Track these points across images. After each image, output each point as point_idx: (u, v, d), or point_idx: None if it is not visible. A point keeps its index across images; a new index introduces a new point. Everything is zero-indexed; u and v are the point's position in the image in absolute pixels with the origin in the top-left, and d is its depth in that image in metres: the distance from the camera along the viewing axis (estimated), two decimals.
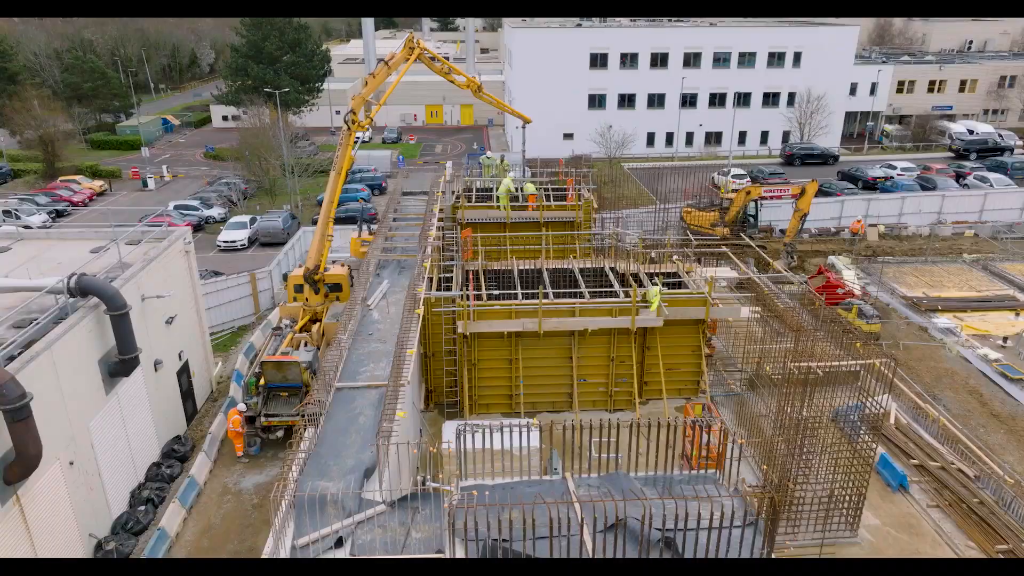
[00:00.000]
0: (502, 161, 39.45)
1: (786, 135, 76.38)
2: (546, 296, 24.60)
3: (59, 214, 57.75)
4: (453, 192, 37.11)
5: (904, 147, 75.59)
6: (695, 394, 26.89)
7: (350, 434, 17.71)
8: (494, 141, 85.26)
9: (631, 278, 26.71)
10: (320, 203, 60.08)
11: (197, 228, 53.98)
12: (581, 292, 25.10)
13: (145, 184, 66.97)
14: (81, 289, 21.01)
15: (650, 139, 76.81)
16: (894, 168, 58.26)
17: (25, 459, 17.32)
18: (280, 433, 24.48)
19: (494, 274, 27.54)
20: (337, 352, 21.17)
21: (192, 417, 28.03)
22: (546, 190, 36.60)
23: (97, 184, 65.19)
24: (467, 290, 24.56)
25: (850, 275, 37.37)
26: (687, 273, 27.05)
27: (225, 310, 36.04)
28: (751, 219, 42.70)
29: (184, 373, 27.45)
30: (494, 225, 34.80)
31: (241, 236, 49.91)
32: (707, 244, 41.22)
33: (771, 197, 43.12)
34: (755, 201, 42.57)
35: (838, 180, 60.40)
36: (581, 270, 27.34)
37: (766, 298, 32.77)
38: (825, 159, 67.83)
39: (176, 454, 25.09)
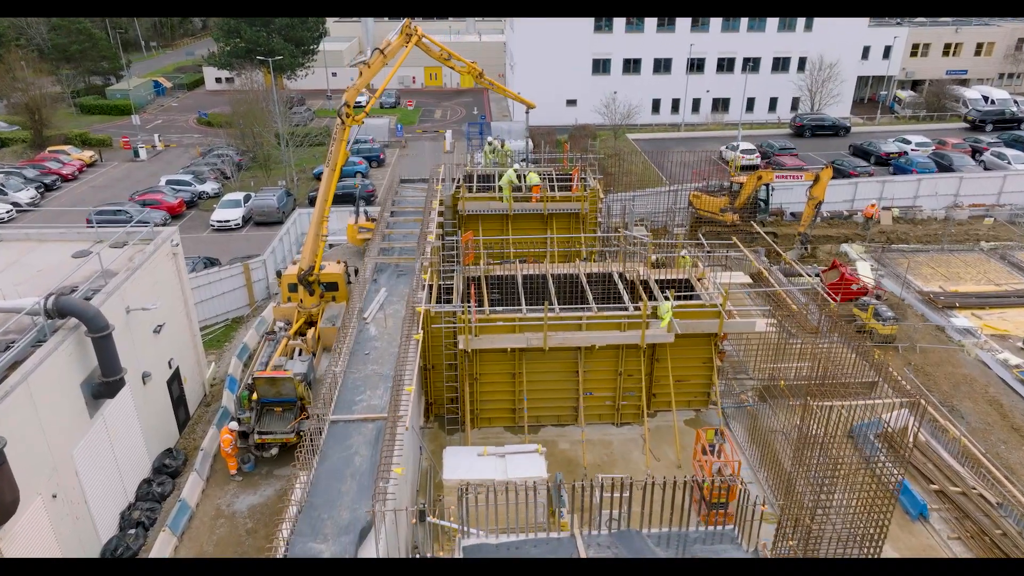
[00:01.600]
0: (503, 146, 37.72)
1: (795, 102, 74.19)
2: (551, 310, 23.39)
3: (48, 188, 56.19)
4: (453, 180, 35.59)
5: (918, 116, 73.40)
6: (705, 405, 25.92)
7: (345, 479, 16.73)
8: (494, 105, 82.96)
9: (640, 285, 25.46)
10: (318, 176, 58.79)
11: (190, 204, 52.57)
12: (588, 305, 23.84)
13: (136, 154, 65.15)
14: (59, 311, 19.82)
15: (655, 106, 74.62)
16: (908, 143, 56.40)
17: (1, 507, 16.38)
18: (275, 451, 23.55)
19: (497, 280, 26.28)
20: (331, 379, 20.06)
21: (185, 424, 27.13)
22: (549, 178, 35.10)
23: (87, 155, 63.39)
24: (468, 302, 23.32)
25: (864, 267, 36.10)
26: (699, 280, 25.79)
27: (218, 302, 34.91)
28: (762, 204, 41.20)
29: (175, 381, 26.43)
30: (496, 217, 33.39)
31: (235, 215, 48.44)
32: (716, 231, 39.89)
33: (784, 179, 41.35)
34: (766, 185, 41.02)
35: (850, 155, 58.64)
36: (588, 276, 26.07)
37: (779, 296, 31.59)
38: (836, 131, 65.80)
39: (167, 469, 24.23)
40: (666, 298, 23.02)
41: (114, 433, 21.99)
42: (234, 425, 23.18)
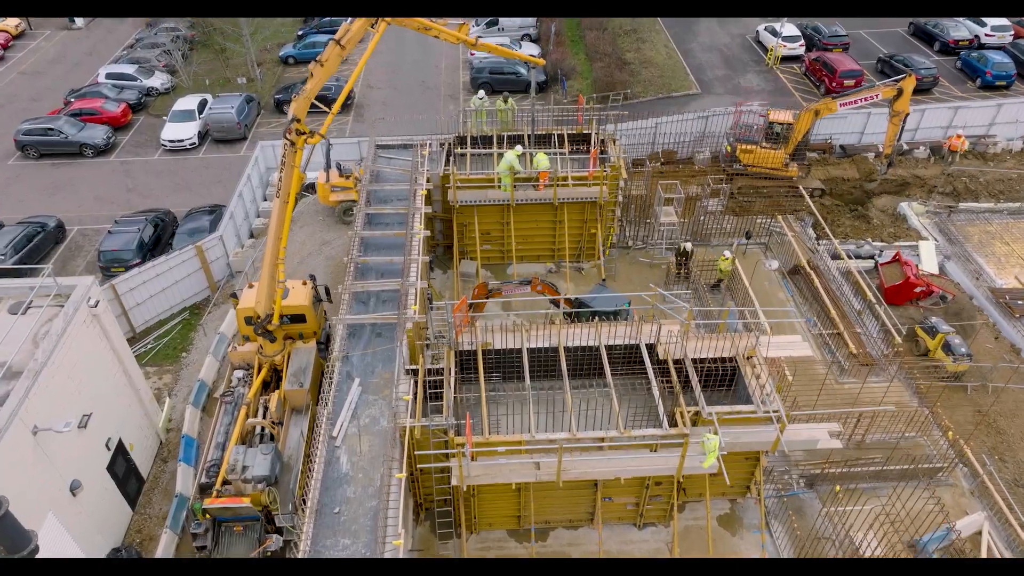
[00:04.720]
0: (506, 102, 30.21)
1: None
2: (567, 420, 18.76)
3: None
4: (441, 145, 29.03)
5: None
6: (743, 495, 22.12)
7: None
8: None
9: (673, 366, 20.50)
10: (285, 60, 50.33)
11: (137, 107, 45.16)
12: (613, 432, 19.00)
13: (72, 20, 55.68)
14: None
15: None
16: (984, 25, 47.42)
17: None
18: None
19: (496, 355, 21.22)
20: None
21: (139, 493, 23.56)
22: (560, 143, 28.58)
23: (12, 24, 54.00)
24: (462, 421, 18.60)
25: (929, 249, 30.56)
26: (747, 359, 20.76)
27: (173, 292, 30.05)
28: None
29: (118, 456, 22.39)
30: (495, 209, 27.49)
31: (189, 132, 41.40)
32: (755, 187, 33.78)
33: (850, 105, 33.40)
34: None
35: (909, 35, 49.91)
36: (609, 349, 20.98)
37: (839, 332, 26.76)
38: None
39: None
40: (712, 433, 18.22)
41: None
42: None
